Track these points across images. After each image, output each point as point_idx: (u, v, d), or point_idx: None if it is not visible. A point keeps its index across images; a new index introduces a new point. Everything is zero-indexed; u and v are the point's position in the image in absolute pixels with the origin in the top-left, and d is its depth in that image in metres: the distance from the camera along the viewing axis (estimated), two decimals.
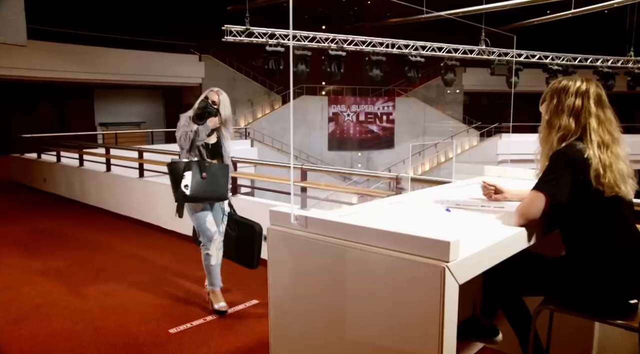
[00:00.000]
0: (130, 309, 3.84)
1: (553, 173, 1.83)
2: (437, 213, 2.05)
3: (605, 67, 16.47)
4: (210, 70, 19.73)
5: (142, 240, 6.01)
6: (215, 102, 3.56)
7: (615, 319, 1.88)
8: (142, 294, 4.16)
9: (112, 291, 4.23)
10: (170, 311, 3.79)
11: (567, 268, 1.93)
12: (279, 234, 1.82)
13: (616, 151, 1.88)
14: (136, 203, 6.93)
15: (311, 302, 1.76)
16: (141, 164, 6.96)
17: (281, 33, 12.85)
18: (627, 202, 1.90)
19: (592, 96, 1.92)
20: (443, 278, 1.36)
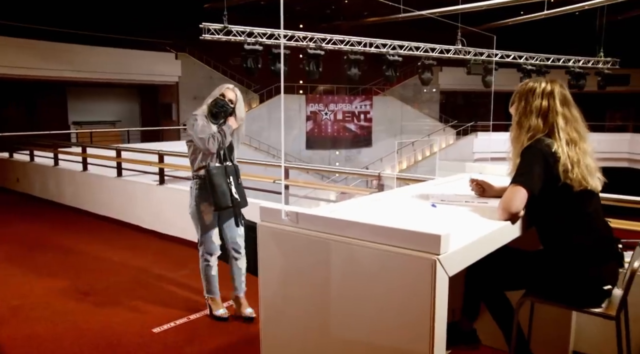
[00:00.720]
0: (112, 310, 3.80)
1: (526, 166, 1.91)
2: (423, 209, 2.10)
3: (577, 67, 16.87)
4: (186, 69, 19.55)
5: (122, 240, 5.94)
6: (232, 100, 3.36)
7: (593, 308, 1.97)
8: (124, 295, 4.13)
9: (92, 292, 4.18)
10: (153, 311, 3.76)
11: (544, 261, 2.02)
12: (270, 230, 1.83)
13: (583, 147, 1.99)
14: (115, 203, 6.85)
15: (302, 297, 1.78)
16: (119, 163, 6.87)
17: (260, 31, 12.80)
18: (595, 195, 2.01)
19: (557, 96, 2.02)
20: (434, 270, 1.40)
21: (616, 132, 21.63)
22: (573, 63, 16.88)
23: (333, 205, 2.06)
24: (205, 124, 3.28)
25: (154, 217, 6.19)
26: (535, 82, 2.08)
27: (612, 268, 2.00)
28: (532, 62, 16.30)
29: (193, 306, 3.82)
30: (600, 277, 1.95)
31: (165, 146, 14.17)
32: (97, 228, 6.57)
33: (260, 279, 1.90)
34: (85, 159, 7.59)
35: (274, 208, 1.82)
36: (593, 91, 18.05)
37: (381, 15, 18.37)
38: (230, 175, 3.34)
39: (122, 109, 20.72)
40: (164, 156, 6.28)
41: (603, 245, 1.98)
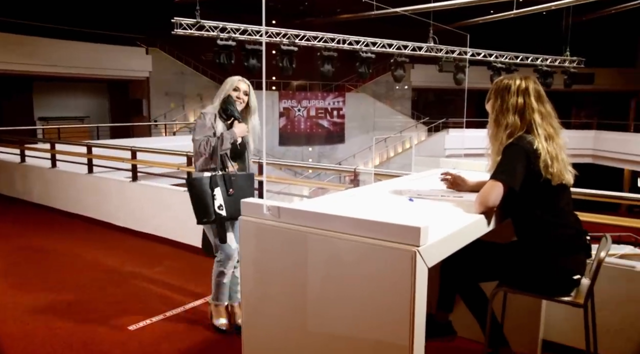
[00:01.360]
0: (85, 308, 3.74)
1: (508, 163, 1.98)
2: (401, 203, 2.15)
3: (545, 65, 17.29)
4: (157, 64, 19.25)
5: (94, 238, 5.84)
6: (247, 92, 3.14)
7: (562, 297, 2.06)
8: (97, 293, 4.07)
9: (64, 290, 4.10)
10: (128, 308, 3.73)
11: (517, 253, 2.10)
12: (251, 225, 1.85)
13: (559, 142, 2.08)
14: (86, 200, 6.72)
15: (284, 290, 1.80)
16: (90, 160, 6.75)
17: (233, 27, 12.71)
18: (568, 189, 2.11)
19: (532, 92, 2.09)
20: (414, 261, 1.45)
21: (581, 130, 22.28)
22: (541, 62, 17.31)
23: (311, 200, 2.09)
24: (208, 125, 3.04)
25: (127, 214, 6.10)
26: (509, 79, 2.14)
27: (581, 259, 2.09)
28: (502, 60, 16.64)
29: (170, 303, 3.80)
30: (570, 267, 2.04)
31: (137, 142, 13.98)
32: (68, 226, 6.44)
33: (241, 273, 1.91)
34: (54, 156, 7.42)
35: (255, 203, 1.84)
36: (559, 89, 18.53)
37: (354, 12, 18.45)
38: (230, 187, 3.05)
39: (91, 105, 20.28)
40: (137, 152, 6.20)
41: (573, 237, 2.07)
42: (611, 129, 21.00)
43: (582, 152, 21.16)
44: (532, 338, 2.86)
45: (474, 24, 19.12)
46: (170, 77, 19.76)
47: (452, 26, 17.47)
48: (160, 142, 15.09)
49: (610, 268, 2.82)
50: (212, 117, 3.07)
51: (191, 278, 4.38)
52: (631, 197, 3.24)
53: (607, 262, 2.84)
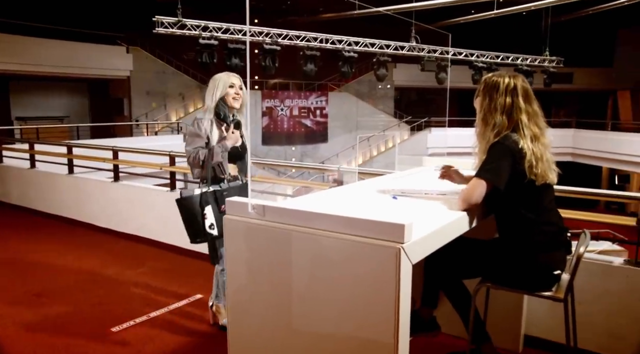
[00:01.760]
0: (67, 311, 3.70)
1: (493, 162, 2.01)
2: (385, 201, 2.17)
3: (525, 65, 17.53)
4: (138, 63, 19.03)
5: (75, 239, 5.76)
6: (242, 86, 2.98)
7: (544, 292, 2.10)
8: (79, 295, 4.02)
9: (45, 293, 4.04)
10: (112, 310, 3.69)
11: (499, 249, 2.14)
12: (236, 223, 1.85)
13: (544, 141, 2.11)
14: (66, 201, 6.62)
15: (270, 289, 1.80)
16: (71, 160, 6.65)
17: (215, 26, 12.64)
18: (552, 187, 2.15)
19: (520, 92, 2.12)
20: (399, 258, 1.47)
21: (561, 128, 22.64)
22: (521, 61, 17.55)
23: (296, 199, 2.10)
24: (200, 134, 2.89)
25: (109, 215, 6.04)
26: (498, 77, 2.16)
27: (561, 255, 2.14)
28: (483, 60, 16.83)
29: (153, 304, 3.77)
30: (550, 263, 2.08)
31: (119, 142, 13.81)
32: (48, 227, 6.34)
33: (227, 272, 1.91)
34: (33, 156, 7.29)
35: (240, 201, 1.84)
36: (539, 88, 18.79)
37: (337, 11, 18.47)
38: (217, 201, 2.89)
39: (71, 104, 19.96)
40: (119, 152, 6.13)
41: (555, 234, 2.12)
42: (590, 128, 21.39)
43: (562, 151, 21.50)
44: (514, 333, 2.91)
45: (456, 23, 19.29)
46: (151, 76, 19.56)
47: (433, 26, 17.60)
48: (142, 142, 14.93)
49: (589, 264, 2.88)
50: (207, 123, 2.92)
51: (175, 279, 4.35)
52: (608, 194, 3.31)
53: (586, 258, 2.90)
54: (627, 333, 2.78)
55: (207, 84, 3.08)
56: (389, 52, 15.32)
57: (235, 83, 2.97)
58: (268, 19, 18.13)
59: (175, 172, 5.59)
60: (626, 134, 19.64)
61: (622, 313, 2.79)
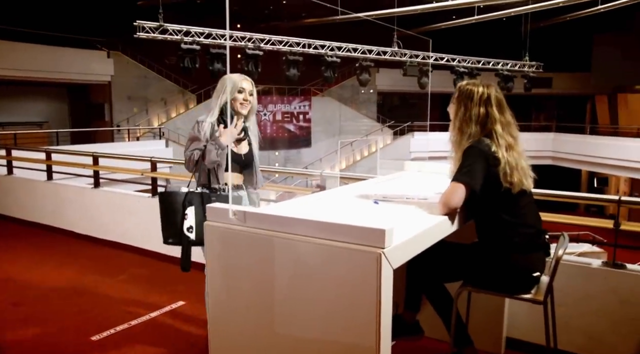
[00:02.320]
0: (46, 319, 3.63)
1: (468, 165, 2.04)
2: (366, 206, 2.18)
3: (505, 70, 17.77)
4: (119, 68, 18.85)
5: (54, 247, 5.66)
6: (252, 92, 2.77)
7: (523, 294, 2.13)
8: (58, 303, 3.95)
9: (23, 302, 3.97)
10: (91, 318, 3.64)
11: (479, 253, 2.17)
12: (217, 230, 1.84)
13: (518, 149, 2.16)
14: (45, 208, 6.51)
15: (251, 295, 1.80)
16: (50, 166, 6.55)
17: (197, 31, 12.59)
18: (529, 192, 2.18)
19: (494, 101, 2.16)
20: (379, 263, 1.47)
21: (541, 132, 22.98)
22: (502, 66, 17.78)
23: (277, 204, 2.09)
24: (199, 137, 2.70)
25: (89, 222, 5.95)
26: (473, 86, 2.20)
27: (540, 257, 2.17)
28: (465, 65, 17.02)
29: (134, 312, 3.72)
30: (529, 265, 2.12)
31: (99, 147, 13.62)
32: (27, 235, 6.23)
33: (208, 279, 1.90)
34: (10, 162, 7.16)
35: (221, 207, 1.83)
36: (520, 93, 19.08)
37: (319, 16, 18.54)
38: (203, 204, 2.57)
39: (50, 109, 19.64)
40: (99, 158, 6.06)
41: (533, 236, 2.15)
42: (569, 132, 21.76)
43: (542, 154, 21.83)
44: (496, 336, 2.94)
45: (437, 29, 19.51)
46: (132, 81, 19.38)
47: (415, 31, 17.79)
48: (124, 148, 14.79)
49: (568, 266, 2.93)
50: (208, 126, 2.69)
51: (156, 286, 4.31)
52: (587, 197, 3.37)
53: (566, 260, 2.94)
54: (606, 334, 2.83)
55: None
56: (371, 57, 15.41)
57: (245, 88, 2.74)
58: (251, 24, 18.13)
59: (157, 178, 5.54)
60: (604, 137, 20.03)
61: (600, 314, 2.84)
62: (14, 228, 6.56)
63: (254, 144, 2.86)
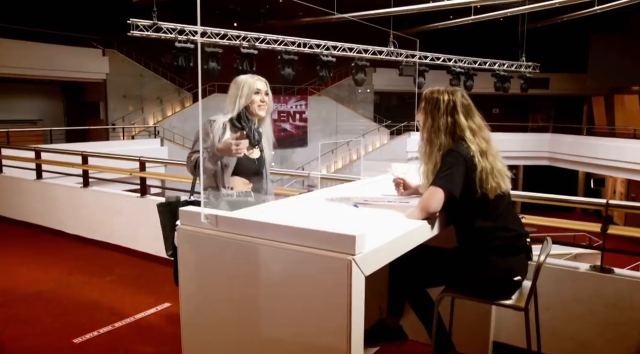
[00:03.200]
0: (27, 321, 3.59)
1: (447, 170, 2.01)
2: (345, 209, 2.14)
3: (502, 70, 17.76)
4: (115, 66, 18.78)
5: (41, 246, 5.62)
6: (268, 92, 2.67)
7: (504, 300, 2.09)
8: (42, 304, 3.91)
9: (4, 303, 3.92)
10: (74, 320, 3.59)
11: (459, 258, 2.13)
12: (189, 234, 1.81)
13: (492, 152, 2.12)
14: (33, 207, 6.46)
15: (223, 301, 1.77)
16: (39, 165, 6.50)
17: (191, 29, 12.54)
18: (507, 195, 2.14)
19: (460, 108, 2.11)
20: (350, 270, 1.44)
21: (538, 133, 22.98)
22: (498, 66, 17.76)
23: (252, 208, 2.06)
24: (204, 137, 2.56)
25: (77, 221, 5.91)
26: (438, 93, 2.14)
27: (521, 261, 2.13)
28: (461, 65, 16.99)
29: (119, 313, 3.68)
30: (509, 269, 2.08)
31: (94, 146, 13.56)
32: (15, 234, 6.18)
33: (180, 283, 1.87)
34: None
35: (193, 211, 1.80)
36: (517, 94, 19.08)
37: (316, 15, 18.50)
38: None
39: (44, 108, 19.54)
40: (89, 157, 6.01)
41: (512, 239, 2.11)
42: (566, 132, 21.76)
43: (539, 155, 21.85)
44: (482, 341, 2.90)
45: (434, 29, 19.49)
46: (128, 80, 19.32)
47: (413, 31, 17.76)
48: (119, 147, 14.70)
49: (555, 270, 2.90)
50: (219, 126, 2.55)
51: (143, 287, 4.27)
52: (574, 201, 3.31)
53: (553, 264, 2.91)
54: (592, 338, 2.80)
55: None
56: (366, 56, 15.37)
57: (261, 88, 2.65)
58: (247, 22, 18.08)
59: (146, 179, 5.50)
60: (601, 138, 20.03)
61: (587, 319, 2.81)
62: (2, 227, 6.52)
63: (267, 149, 2.75)
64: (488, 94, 19.53)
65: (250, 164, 2.65)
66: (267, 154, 2.76)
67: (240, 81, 2.64)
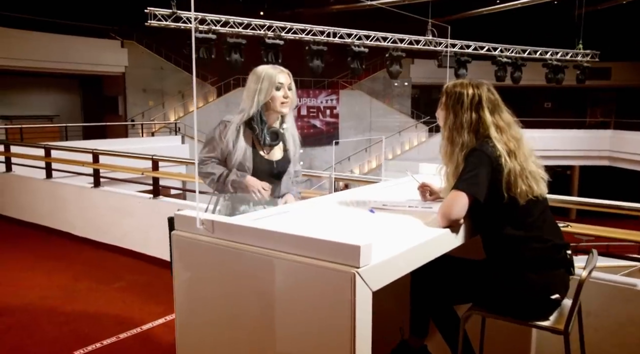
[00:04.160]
0: (28, 329, 3.66)
1: (471, 171, 1.93)
2: (359, 215, 2.08)
3: (555, 60, 17.26)
4: (134, 58, 19.16)
5: (49, 249, 5.75)
6: (291, 86, 2.56)
7: (540, 321, 1.98)
8: (45, 312, 3.98)
9: (7, 311, 4.00)
10: (77, 330, 3.64)
11: (487, 271, 2.03)
12: (185, 240, 1.79)
13: (523, 152, 2.02)
14: (43, 208, 6.62)
15: (219, 312, 1.74)
16: (48, 164, 6.66)
17: (213, 18, 12.66)
18: (541, 200, 2.03)
19: (486, 104, 2.03)
20: (353, 284, 1.38)
21: (597, 129, 22.28)
22: (550, 56, 17.28)
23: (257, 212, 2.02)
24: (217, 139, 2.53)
25: (87, 223, 6.02)
26: (461, 87, 2.07)
27: (560, 276, 2.02)
28: (508, 54, 16.61)
29: (125, 323, 3.72)
30: (545, 286, 1.97)
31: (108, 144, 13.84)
32: (22, 236, 6.34)
33: (175, 292, 1.86)
34: (8, 159, 7.32)
35: (189, 215, 1.77)
36: (572, 85, 18.54)
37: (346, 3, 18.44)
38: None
39: (61, 102, 20.11)
40: (100, 156, 6.12)
41: (549, 251, 2.00)
42: (630, 129, 20.96)
43: (598, 154, 21.17)
44: None
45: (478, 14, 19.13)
46: (148, 73, 19.66)
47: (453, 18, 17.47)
48: (137, 144, 14.96)
49: (606, 286, 2.76)
50: (233, 130, 2.49)
51: (153, 295, 4.30)
52: (617, 206, 3.09)
53: (603, 280, 2.77)
54: None
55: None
56: (402, 46, 15.17)
57: (283, 82, 2.50)
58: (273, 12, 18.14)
59: (159, 179, 5.55)
60: None
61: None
62: (10, 229, 6.70)
63: (291, 148, 2.66)
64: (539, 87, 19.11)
65: (270, 166, 2.58)
66: (293, 153, 2.67)
67: (260, 73, 2.50)
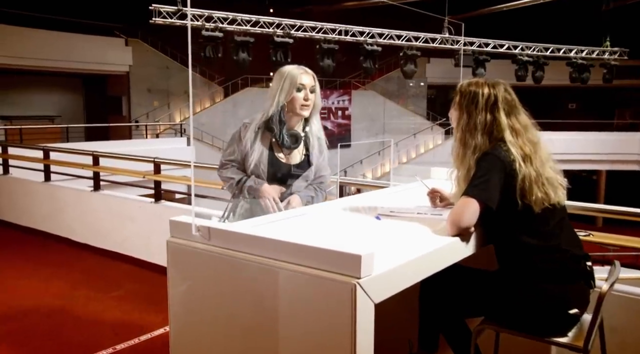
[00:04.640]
0: (20, 340, 3.67)
1: (482, 176, 1.90)
2: (365, 222, 2.06)
3: (580, 58, 17.08)
4: (139, 57, 19.28)
5: (47, 255, 5.78)
6: (314, 89, 2.62)
7: (558, 337, 1.94)
8: (38, 322, 4.00)
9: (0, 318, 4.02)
10: (71, 341, 3.65)
11: (500, 283, 2.00)
12: (179, 247, 1.78)
13: (540, 157, 1.99)
14: (41, 212, 6.67)
15: (215, 323, 1.74)
16: (47, 166, 6.70)
17: (220, 15, 12.71)
18: (558, 208, 1.99)
19: (502, 105, 2.01)
20: (354, 296, 1.36)
21: (626, 131, 22.00)
22: (575, 54, 17.11)
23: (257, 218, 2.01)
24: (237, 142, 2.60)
25: (86, 228, 6.05)
26: (476, 87, 2.05)
27: (579, 289, 1.98)
28: (529, 53, 16.47)
29: (123, 334, 3.72)
30: (562, 300, 1.93)
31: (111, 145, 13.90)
32: (18, 241, 6.38)
33: (169, 301, 1.86)
34: (6, 161, 7.38)
35: (184, 222, 1.77)
36: (598, 85, 18.35)
37: None
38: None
39: (63, 102, 20.27)
40: (100, 158, 6.15)
41: (567, 262, 1.96)
42: None
43: (627, 158, 20.92)
44: None
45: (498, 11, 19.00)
46: (153, 72, 19.77)
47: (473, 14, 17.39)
48: (141, 146, 15.02)
49: (632, 300, 2.71)
50: (251, 133, 2.53)
51: (153, 304, 4.30)
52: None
53: (630, 294, 2.72)
54: None
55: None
56: (417, 45, 15.12)
57: (306, 83, 2.54)
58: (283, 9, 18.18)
59: (161, 182, 5.57)
60: None
61: None
62: (6, 234, 6.74)
63: (315, 151, 2.66)
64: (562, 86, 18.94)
65: (287, 169, 2.60)
66: (316, 156, 2.67)
67: (284, 73, 2.55)
